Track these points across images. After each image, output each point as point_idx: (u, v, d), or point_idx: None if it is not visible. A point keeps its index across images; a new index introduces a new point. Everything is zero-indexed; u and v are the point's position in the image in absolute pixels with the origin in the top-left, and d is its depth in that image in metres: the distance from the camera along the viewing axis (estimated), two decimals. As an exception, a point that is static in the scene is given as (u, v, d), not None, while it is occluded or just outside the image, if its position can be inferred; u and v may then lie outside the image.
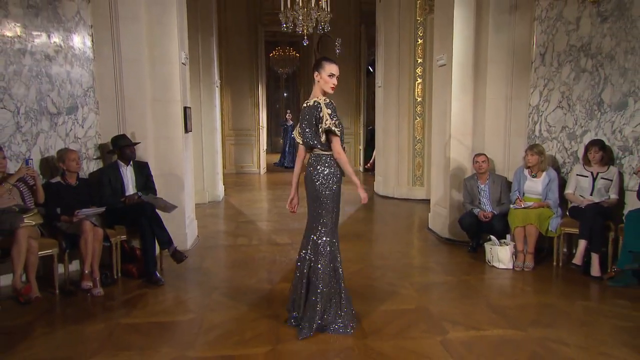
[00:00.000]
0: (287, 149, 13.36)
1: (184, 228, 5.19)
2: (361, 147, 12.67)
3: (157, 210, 4.38)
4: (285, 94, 20.72)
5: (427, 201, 6.76)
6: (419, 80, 8.12)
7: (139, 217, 4.24)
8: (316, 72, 3.06)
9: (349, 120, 12.59)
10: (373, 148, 10.88)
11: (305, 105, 3.05)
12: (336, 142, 2.98)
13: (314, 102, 2.99)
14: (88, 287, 3.88)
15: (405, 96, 8.22)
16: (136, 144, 4.65)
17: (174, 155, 5.08)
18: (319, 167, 3.05)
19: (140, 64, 4.81)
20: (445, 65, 5.55)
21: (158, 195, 4.64)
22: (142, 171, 4.68)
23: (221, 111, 10.24)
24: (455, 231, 5.35)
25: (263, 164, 12.01)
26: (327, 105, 2.96)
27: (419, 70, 8.10)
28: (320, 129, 2.96)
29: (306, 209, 3.19)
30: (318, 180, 3.07)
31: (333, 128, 2.92)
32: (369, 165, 11.69)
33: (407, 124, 8.27)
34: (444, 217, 5.66)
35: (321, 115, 2.96)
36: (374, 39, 9.54)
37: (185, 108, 5.28)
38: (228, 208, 7.78)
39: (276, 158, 14.81)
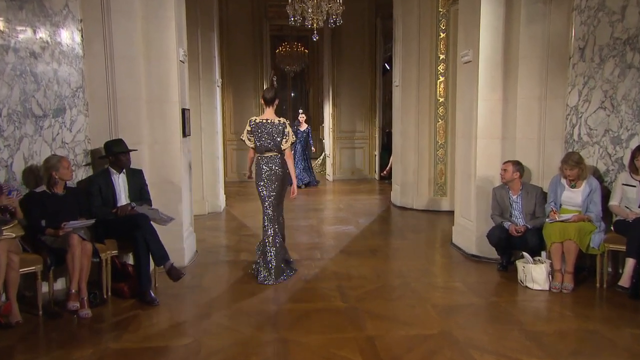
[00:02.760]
0: (298, 162, 11.20)
1: (182, 242, 5.19)
2: (376, 152, 12.68)
3: (152, 223, 4.39)
4: (292, 94, 20.80)
5: (451, 213, 6.70)
6: (441, 79, 8.11)
7: (132, 230, 4.25)
8: (277, 100, 5.04)
9: (363, 122, 12.62)
10: (390, 153, 10.87)
11: (270, 120, 4.90)
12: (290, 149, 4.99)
13: (279, 121, 4.91)
14: (75, 308, 3.87)
15: (425, 96, 8.21)
16: (133, 150, 4.67)
17: (171, 162, 5.09)
18: (282, 165, 4.91)
19: (135, 62, 4.83)
20: (470, 61, 5.54)
21: (153, 206, 4.64)
22: (136, 179, 4.69)
23: (222, 113, 10.30)
24: (483, 247, 5.31)
25: None
26: (289, 125, 5.01)
27: (441, 68, 8.09)
28: (286, 141, 4.87)
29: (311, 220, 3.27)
30: (283, 174, 4.90)
31: (292, 141, 4.93)
32: (385, 172, 11.67)
33: (427, 126, 8.26)
34: (469, 231, 5.63)
35: (287, 131, 4.88)
36: (391, 33, 9.57)
37: (183, 110, 5.30)
38: (230, 220, 7.81)
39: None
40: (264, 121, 4.90)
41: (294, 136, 4.98)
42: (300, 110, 12.18)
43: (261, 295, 4.37)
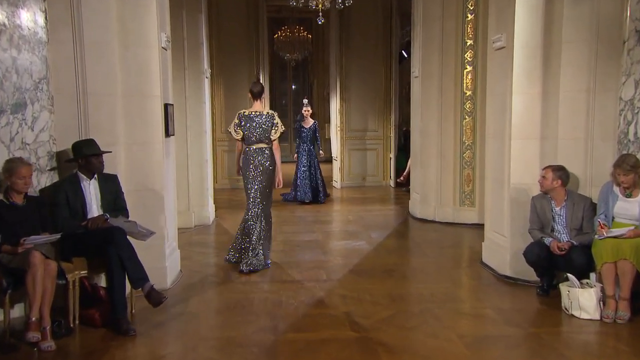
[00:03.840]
0: (303, 168, 10.39)
1: (164, 260, 5.20)
2: (392, 155, 12.68)
3: (128, 238, 4.39)
4: (293, 86, 20.85)
5: (480, 226, 6.75)
6: (469, 68, 8.10)
7: (105, 247, 4.25)
8: (264, 95, 6.08)
9: (375, 120, 12.67)
10: (407, 156, 10.85)
11: (259, 112, 5.95)
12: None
13: (268, 112, 5.97)
14: (35, 339, 3.82)
15: (450, 89, 8.19)
16: (106, 152, 4.67)
17: (152, 166, 5.11)
18: (271, 158, 5.91)
19: (109, 49, 4.82)
20: (504, 47, 5.52)
21: (130, 218, 4.64)
22: (110, 186, 4.69)
23: (212, 109, 10.33)
24: (519, 267, 5.29)
25: None
26: (277, 115, 6.07)
27: (468, 55, 8.07)
28: (275, 131, 5.90)
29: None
30: (272, 170, 5.91)
31: (282, 130, 5.99)
32: (402, 178, 11.66)
33: (452, 124, 8.25)
34: (502, 248, 5.62)
35: (276, 122, 5.92)
36: (410, 14, 9.59)
37: (166, 105, 5.31)
38: (220, 234, 7.84)
39: (283, 172, 14.74)
40: (255, 113, 5.92)
41: (283, 126, 6.01)
42: (305, 101, 10.94)
43: (257, 323, 4.36)
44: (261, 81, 11.10)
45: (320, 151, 11.09)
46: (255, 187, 5.82)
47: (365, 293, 5.08)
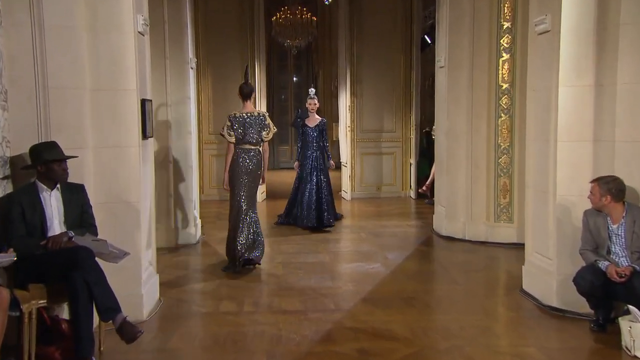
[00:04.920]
0: (308, 184, 9.55)
1: (139, 287, 5.21)
2: (412, 160, 12.69)
3: (97, 260, 4.37)
4: (295, 79, 20.86)
5: (520, 246, 6.70)
6: (505, 56, 8.05)
7: (68, 271, 4.20)
8: (254, 94, 7.24)
9: (393, 118, 12.75)
10: (431, 161, 10.82)
11: (252, 113, 6.93)
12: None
13: (259, 113, 7.02)
14: (-17, 383, 3.79)
15: (482, 81, 8.17)
16: (71, 157, 4.65)
17: (126, 174, 5.11)
18: (259, 164, 6.94)
19: (75, 35, 4.82)
20: (549, 31, 5.52)
21: (99, 237, 4.63)
22: (75, 198, 4.68)
23: (198, 106, 10.34)
24: (568, 296, 5.27)
25: (261, 187, 11.92)
26: (268, 116, 7.21)
27: (505, 41, 8.03)
28: (267, 133, 6.96)
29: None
30: (259, 174, 6.99)
31: (274, 132, 7.12)
32: (424, 188, 11.73)
33: (485, 124, 8.24)
34: (548, 273, 5.60)
35: (267, 123, 6.96)
36: (434, -7, 9.64)
37: (143, 101, 5.32)
38: (207, 255, 7.87)
39: (281, 181, 14.64)
40: (247, 114, 6.84)
41: (275, 127, 7.05)
42: (312, 91, 10.02)
43: (251, 363, 4.40)
44: (255, 76, 11.37)
45: (331, 161, 10.05)
46: (247, 193, 6.83)
47: (381, 326, 5.09)
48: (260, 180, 7.05)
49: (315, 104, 9.72)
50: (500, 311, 5.71)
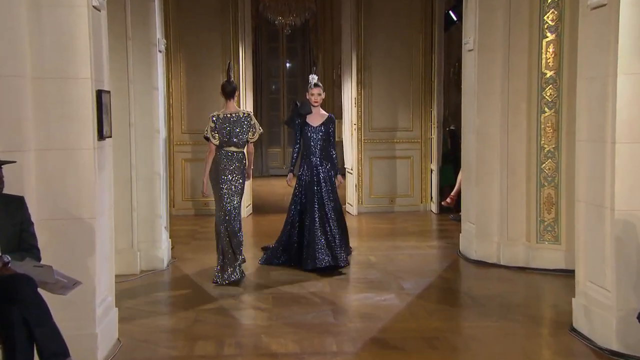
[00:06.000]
0: (307, 203, 8.45)
1: (93, 324, 5.22)
2: (433, 165, 12.73)
3: (40, 291, 4.33)
4: (288, 65, 20.84)
5: (569, 274, 6.77)
6: (550, 37, 8.03)
7: (4, 305, 4.16)
8: (237, 92, 8.31)
9: (409, 115, 12.77)
10: (457, 167, 10.82)
11: (236, 114, 7.68)
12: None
13: (244, 113, 7.80)
14: None
15: (521, 68, 8.18)
16: (8, 163, 4.62)
17: (78, 183, 5.17)
18: (244, 172, 7.76)
19: (11, 10, 4.82)
20: (604, 5, 5.47)
21: (43, 262, 4.61)
22: (13, 214, 4.65)
23: (169, 98, 10.45)
24: (631, 337, 5.28)
25: (246, 199, 11.96)
26: (253, 115, 8.05)
27: (549, 18, 8.00)
28: (253, 134, 7.73)
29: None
30: (245, 170, 7.85)
31: (260, 132, 7.94)
32: (449, 200, 11.79)
33: (525, 121, 8.23)
34: (605, 308, 5.56)
35: (253, 123, 7.73)
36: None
37: (99, 92, 5.36)
38: (179, 283, 7.95)
39: (270, 191, 14.53)
40: (230, 115, 7.58)
41: (260, 128, 7.85)
42: (314, 79, 8.91)
43: None
44: (238, 61, 11.73)
45: (339, 176, 8.97)
46: (235, 200, 7.64)
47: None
48: (246, 177, 7.91)
49: (320, 95, 8.67)
50: (545, 355, 5.70)
